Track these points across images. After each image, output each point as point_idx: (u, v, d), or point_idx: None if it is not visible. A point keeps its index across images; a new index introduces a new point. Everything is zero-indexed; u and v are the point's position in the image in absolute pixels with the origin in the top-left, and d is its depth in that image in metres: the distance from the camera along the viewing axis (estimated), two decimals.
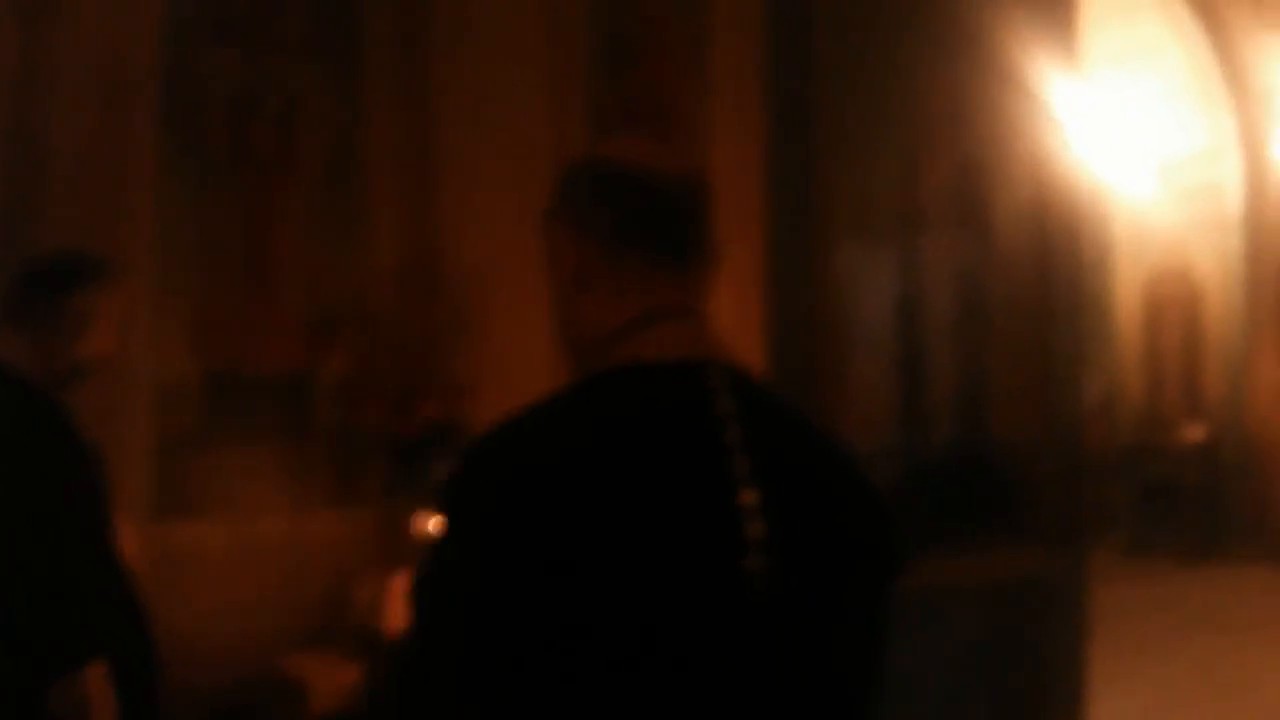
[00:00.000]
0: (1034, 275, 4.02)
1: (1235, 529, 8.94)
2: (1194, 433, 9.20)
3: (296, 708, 2.72)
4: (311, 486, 3.19)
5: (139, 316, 2.71)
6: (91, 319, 2.22)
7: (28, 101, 3.06)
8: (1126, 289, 9.88)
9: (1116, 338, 9.87)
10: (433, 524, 2.63)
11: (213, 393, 3.16)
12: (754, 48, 3.43)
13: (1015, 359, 3.96)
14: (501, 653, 1.03)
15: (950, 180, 3.87)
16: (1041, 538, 3.96)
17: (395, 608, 2.79)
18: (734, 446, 1.12)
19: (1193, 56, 9.19)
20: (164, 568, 2.45)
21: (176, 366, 3.10)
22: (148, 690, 2.22)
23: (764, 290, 3.30)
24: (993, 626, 3.63)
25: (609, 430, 1.10)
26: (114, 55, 3.14)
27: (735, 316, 3.30)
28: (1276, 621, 7.22)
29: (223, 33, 3.29)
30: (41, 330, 2.19)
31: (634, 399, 1.14)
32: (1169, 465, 9.12)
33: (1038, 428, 4.03)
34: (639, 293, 1.18)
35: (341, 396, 3.42)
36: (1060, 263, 4.13)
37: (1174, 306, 9.63)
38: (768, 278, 3.32)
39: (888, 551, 1.24)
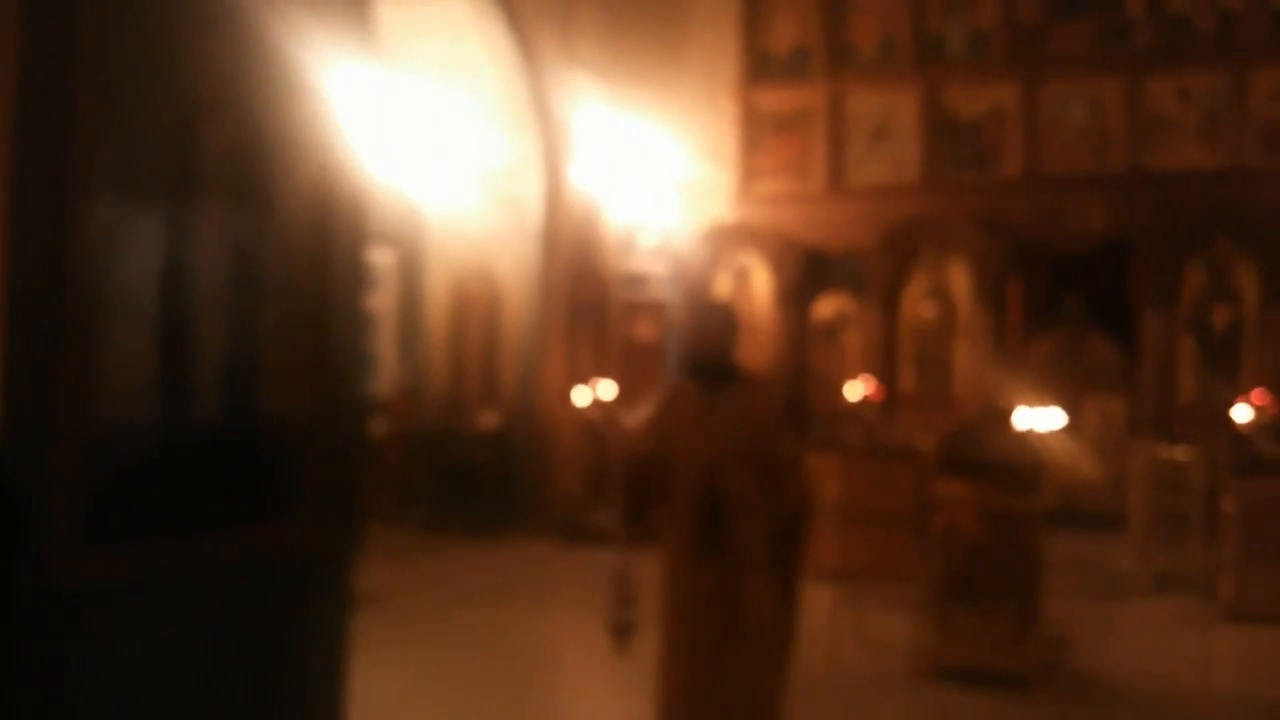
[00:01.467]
0: (313, 259, 4.08)
1: (522, 508, 9.92)
2: (489, 420, 10.05)
3: None
4: None
5: None
6: None
7: None
8: (438, 287, 10.53)
9: (427, 331, 10.47)
10: None
11: None
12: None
13: (291, 337, 3.97)
14: None
15: (228, 156, 3.80)
16: (313, 516, 4.01)
17: None
18: None
19: (507, 78, 10.05)
20: None
21: None
22: None
23: (3, 248, 2.99)
24: (253, 607, 3.60)
25: None
26: None
27: None
28: (551, 590, 8.14)
29: None
30: None
31: None
32: (467, 449, 9.85)
33: (314, 406, 4.07)
34: None
35: None
36: (341, 250, 4.24)
37: (478, 305, 10.45)
38: (8, 234, 3.01)
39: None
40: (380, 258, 10.11)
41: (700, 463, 3.76)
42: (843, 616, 6.86)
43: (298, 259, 4.04)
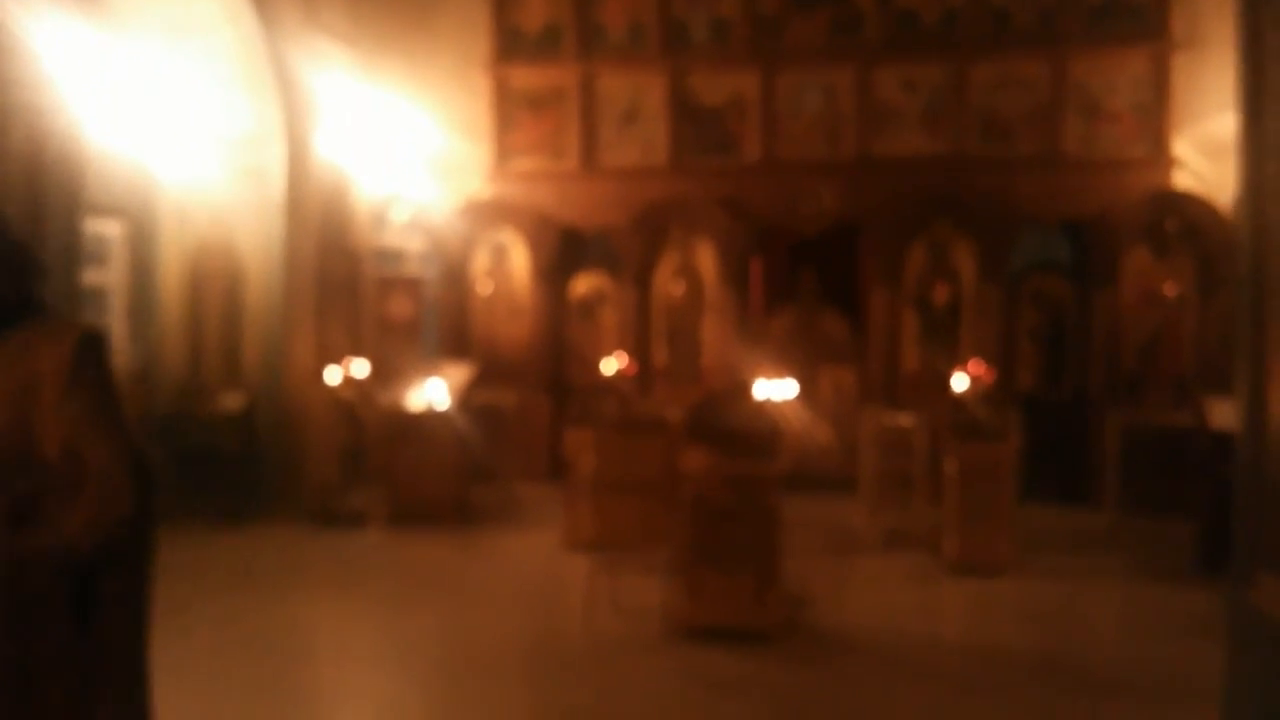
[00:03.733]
0: (23, 228, 3.82)
1: (270, 492, 9.56)
2: (233, 401, 9.62)
3: None
4: None
5: None
6: None
7: None
8: (172, 260, 9.95)
9: (160, 309, 9.89)
10: None
11: None
12: None
13: None
14: None
15: None
16: None
17: None
18: None
19: (246, 43, 9.59)
20: None
21: None
22: None
23: None
24: None
25: None
26: None
27: None
28: (299, 572, 7.91)
29: None
30: None
31: None
32: (208, 433, 9.40)
33: None
34: None
35: None
36: (54, 219, 3.99)
37: (217, 280, 9.96)
38: None
39: None
40: (106, 229, 9.45)
41: None
42: (598, 584, 7.02)
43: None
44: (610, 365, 10.61)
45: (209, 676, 5.44)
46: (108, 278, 9.51)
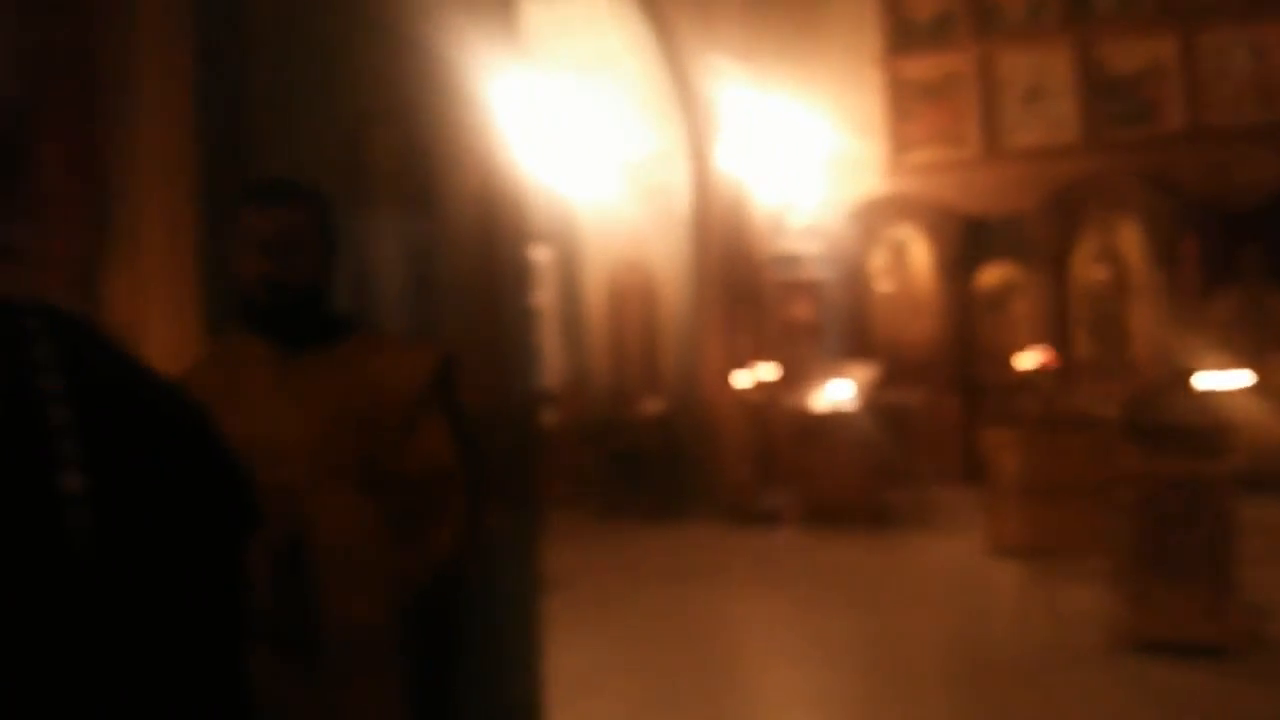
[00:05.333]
0: (480, 259, 4.22)
1: (690, 491, 9.99)
2: (653, 406, 10.15)
3: None
4: None
5: None
6: None
7: None
8: (595, 279, 10.69)
9: (587, 324, 10.65)
10: None
11: None
12: (183, 14, 3.30)
13: (465, 335, 4.11)
14: None
15: (396, 163, 3.95)
16: (496, 506, 4.15)
17: None
18: (51, 394, 1.04)
19: (648, 68, 10.11)
20: None
21: None
22: None
23: (198, 270, 3.17)
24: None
25: None
26: None
27: (169, 294, 3.14)
28: (721, 569, 8.19)
29: None
30: None
31: None
32: (633, 436, 9.99)
33: (490, 400, 4.21)
34: None
35: None
36: (505, 249, 4.37)
37: (634, 295, 10.57)
38: (201, 257, 3.19)
39: (236, 504, 1.23)
40: (540, 255, 10.33)
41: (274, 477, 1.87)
42: (1032, 592, 6.67)
43: (466, 260, 4.19)
44: (1028, 359, 10.07)
45: (645, 661, 5.76)
46: (541, 299, 10.40)
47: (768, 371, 10.24)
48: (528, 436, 4.61)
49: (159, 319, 3.05)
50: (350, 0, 3.66)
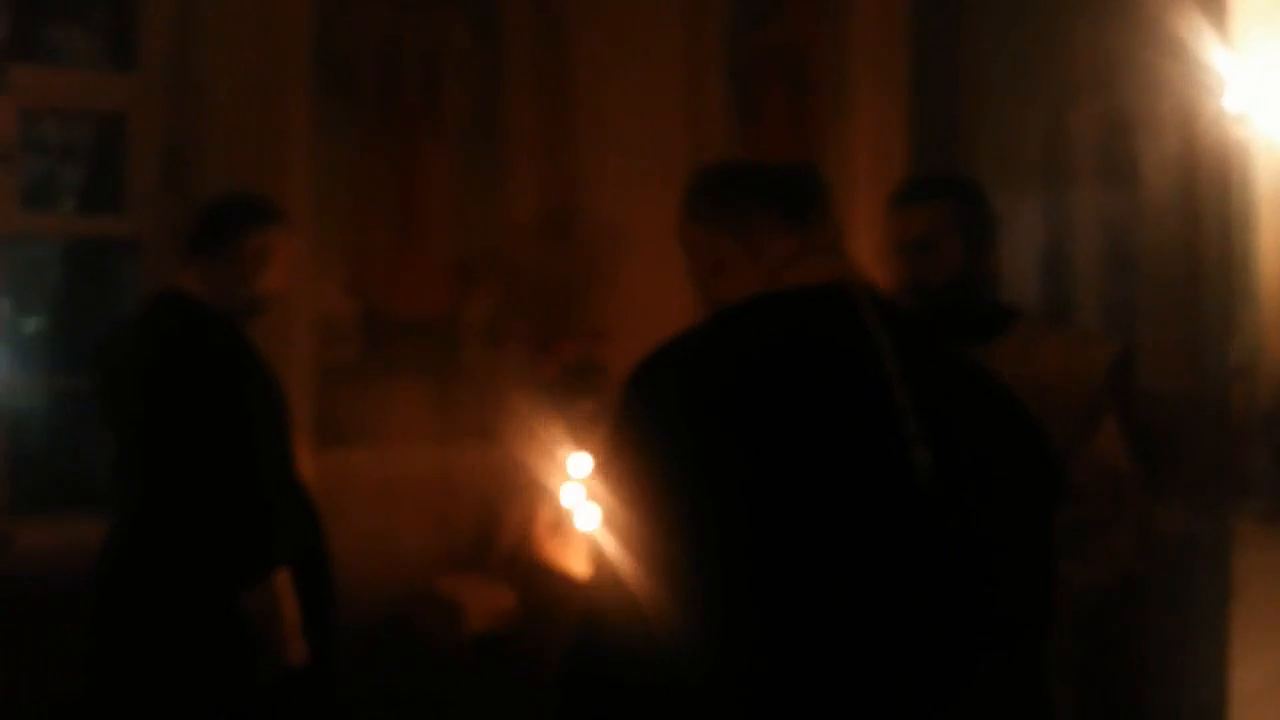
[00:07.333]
0: (1182, 230, 3.94)
1: None
2: None
3: (453, 626, 2.85)
4: (459, 419, 3.33)
5: (301, 258, 2.84)
6: (269, 257, 2.37)
7: (186, 54, 3.21)
8: (1270, 248, 9.43)
9: (1259, 297, 9.44)
10: (589, 453, 2.71)
11: (367, 330, 3.33)
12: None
13: (1163, 312, 3.90)
14: (698, 560, 1.06)
15: (1097, 135, 3.80)
16: (1186, 497, 3.89)
17: (542, 536, 2.89)
18: (885, 353, 1.15)
19: None
20: (320, 491, 2.59)
21: (334, 306, 3.27)
22: (325, 595, 2.39)
23: None
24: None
25: (771, 337, 1.16)
26: (269, 6, 3.27)
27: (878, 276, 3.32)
28: None
29: None
30: (223, 266, 2.34)
31: (790, 314, 1.20)
32: None
33: (1186, 383, 3.96)
34: (773, 253, 1.26)
35: (484, 338, 3.54)
36: (1209, 218, 4.03)
37: None
38: None
39: (1049, 470, 1.25)
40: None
41: None
42: None
43: (1167, 234, 3.93)
44: None
45: None
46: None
47: None
48: (1223, 424, 4.24)
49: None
50: None
